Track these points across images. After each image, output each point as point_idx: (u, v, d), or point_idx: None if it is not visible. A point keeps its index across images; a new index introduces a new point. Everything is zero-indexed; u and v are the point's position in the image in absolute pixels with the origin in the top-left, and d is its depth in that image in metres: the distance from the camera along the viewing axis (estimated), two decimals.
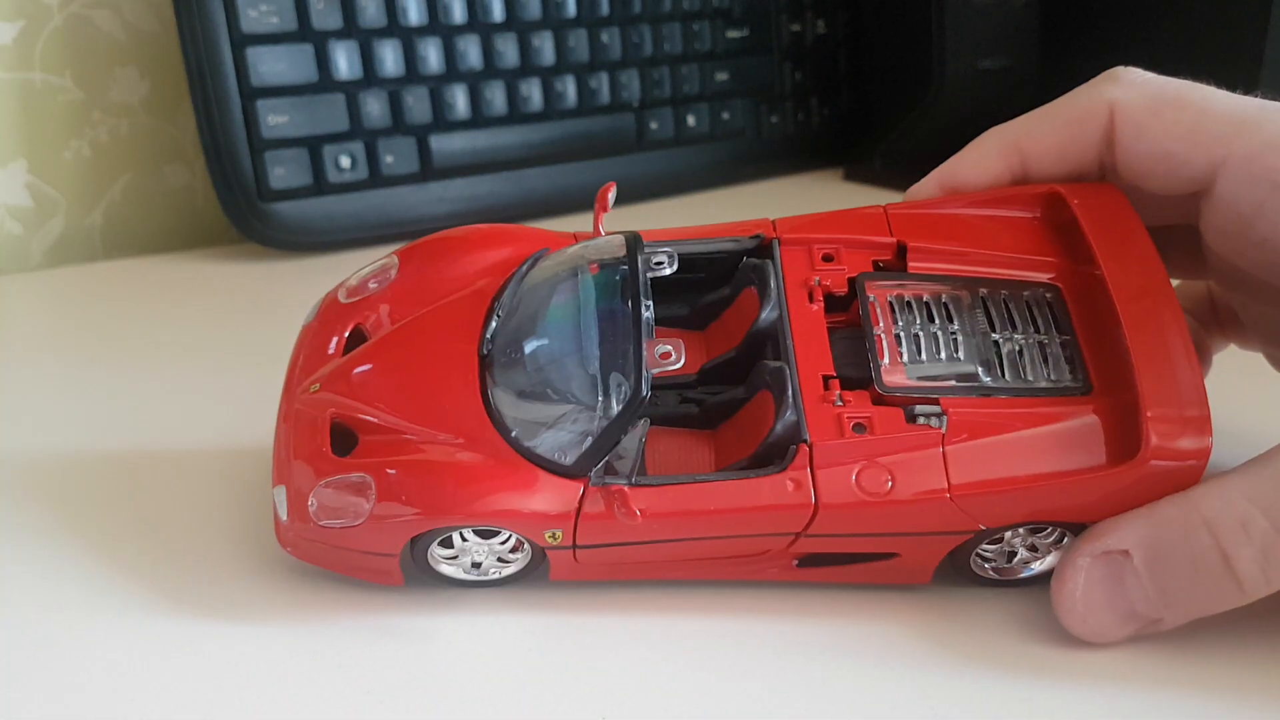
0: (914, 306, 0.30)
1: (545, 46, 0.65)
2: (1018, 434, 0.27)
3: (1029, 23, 0.73)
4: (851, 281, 0.30)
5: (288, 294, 0.56)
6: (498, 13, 0.64)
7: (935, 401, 0.28)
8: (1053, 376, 0.28)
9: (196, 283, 0.57)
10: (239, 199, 0.58)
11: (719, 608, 0.29)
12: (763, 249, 0.32)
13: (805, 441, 0.27)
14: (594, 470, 0.27)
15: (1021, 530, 0.28)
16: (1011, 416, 0.27)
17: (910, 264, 0.31)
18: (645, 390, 0.27)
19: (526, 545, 0.29)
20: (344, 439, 0.29)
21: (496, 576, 0.29)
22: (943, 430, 0.27)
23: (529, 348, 0.29)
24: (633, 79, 0.69)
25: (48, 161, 0.62)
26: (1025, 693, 0.26)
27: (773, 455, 0.28)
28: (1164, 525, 0.26)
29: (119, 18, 0.63)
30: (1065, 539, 0.28)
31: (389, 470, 0.28)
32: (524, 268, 0.31)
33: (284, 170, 0.58)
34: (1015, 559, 0.29)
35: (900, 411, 0.28)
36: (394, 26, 0.61)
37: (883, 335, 0.29)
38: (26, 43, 0.60)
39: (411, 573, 0.29)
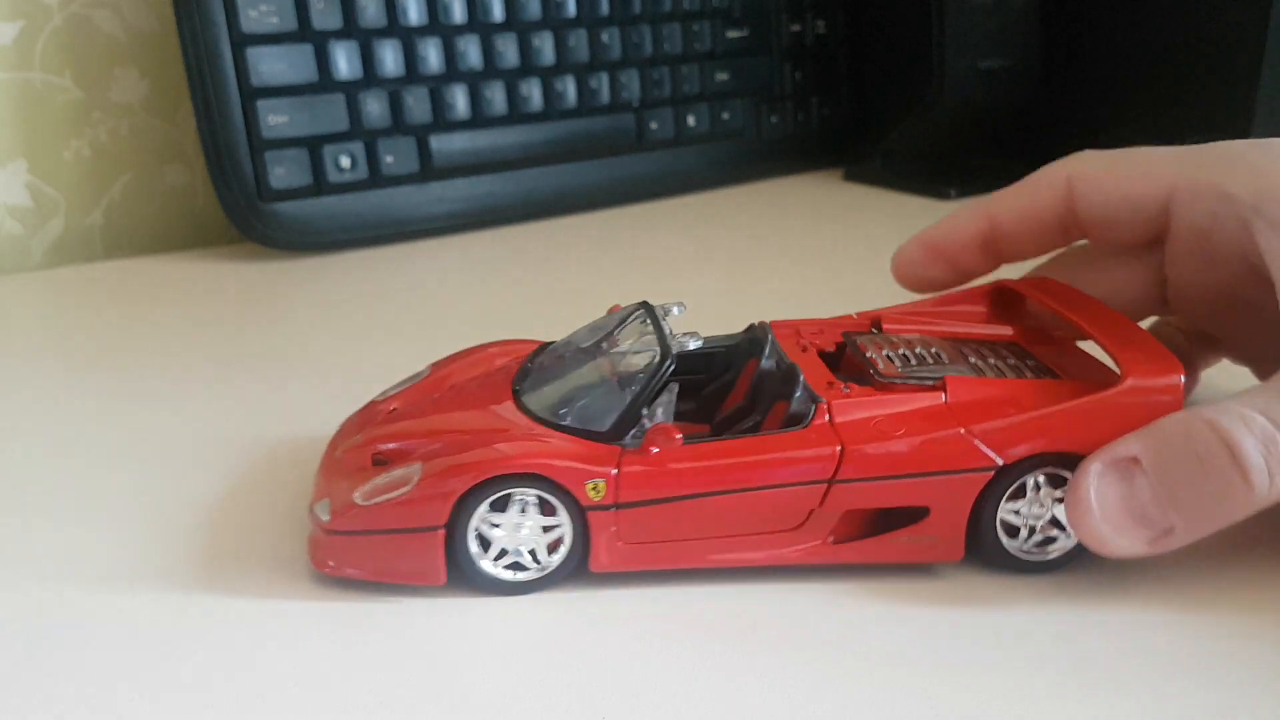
0: (900, 346, 0.34)
1: (545, 46, 0.66)
2: (1014, 386, 0.31)
3: (1029, 23, 0.73)
4: (842, 337, 0.35)
5: (288, 294, 0.56)
6: (498, 13, 0.64)
7: (935, 378, 0.31)
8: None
9: (196, 283, 0.57)
10: (239, 199, 0.58)
11: (719, 608, 0.29)
12: (754, 339, 0.35)
13: (821, 402, 0.30)
14: (630, 434, 0.29)
15: (1042, 486, 0.30)
16: (1005, 383, 0.31)
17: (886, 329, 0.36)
18: (671, 353, 0.30)
19: (567, 528, 0.29)
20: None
21: (537, 575, 0.29)
22: (944, 391, 0.30)
23: (559, 367, 0.33)
24: (633, 79, 0.69)
25: (48, 161, 0.62)
26: (1025, 690, 0.26)
27: (793, 424, 0.30)
28: (1169, 429, 0.28)
29: (119, 18, 0.63)
30: None
31: (434, 445, 0.30)
32: (546, 345, 0.35)
33: (284, 170, 0.58)
34: (1037, 535, 0.30)
35: (903, 388, 0.31)
36: (394, 26, 0.61)
37: (876, 358, 0.32)
38: (26, 43, 0.60)
39: (452, 574, 0.29)
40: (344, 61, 0.59)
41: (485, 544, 0.29)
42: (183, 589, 0.30)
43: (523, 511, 0.29)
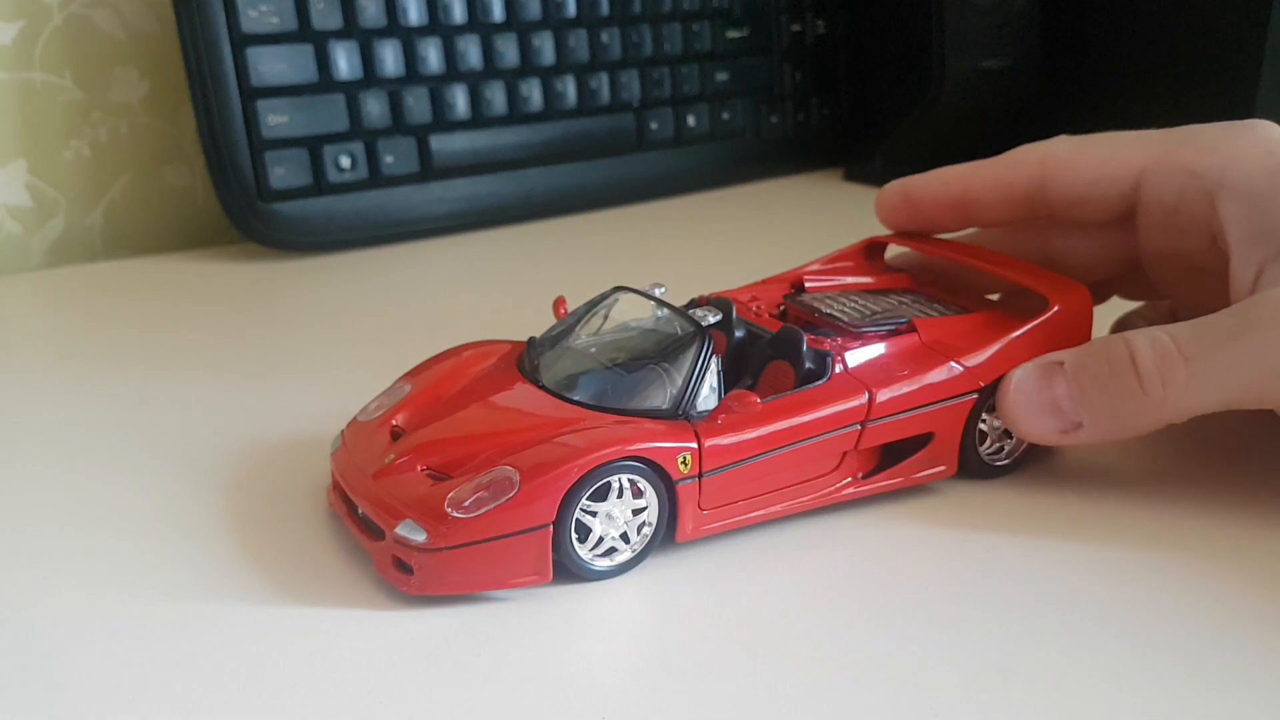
0: (841, 301, 0.37)
1: (545, 46, 0.65)
2: (967, 321, 0.35)
3: (1029, 23, 0.73)
4: (783, 300, 0.38)
5: (288, 294, 0.56)
6: (498, 13, 0.64)
7: (900, 321, 0.35)
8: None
9: (196, 283, 0.57)
10: (239, 199, 0.58)
11: (719, 607, 0.29)
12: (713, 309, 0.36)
13: (833, 355, 0.33)
14: (692, 407, 0.31)
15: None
16: (960, 319, 0.36)
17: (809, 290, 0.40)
18: (705, 329, 0.32)
19: (654, 505, 0.30)
20: None
21: (632, 555, 0.30)
22: (918, 332, 0.35)
23: (574, 356, 0.34)
24: (633, 79, 0.69)
25: (48, 161, 0.62)
26: (1024, 691, 0.26)
27: (811, 379, 0.33)
28: (1092, 344, 0.33)
29: (119, 18, 0.63)
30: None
31: (497, 447, 0.30)
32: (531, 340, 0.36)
33: (284, 170, 0.58)
34: (1005, 444, 0.36)
35: (878, 335, 0.34)
36: (394, 26, 0.61)
37: (834, 313, 0.36)
38: (26, 43, 0.60)
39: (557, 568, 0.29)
40: (344, 61, 0.59)
41: (583, 533, 0.29)
42: (177, 589, 0.30)
43: (619, 496, 0.30)
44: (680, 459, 0.30)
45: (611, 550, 0.30)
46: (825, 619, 0.29)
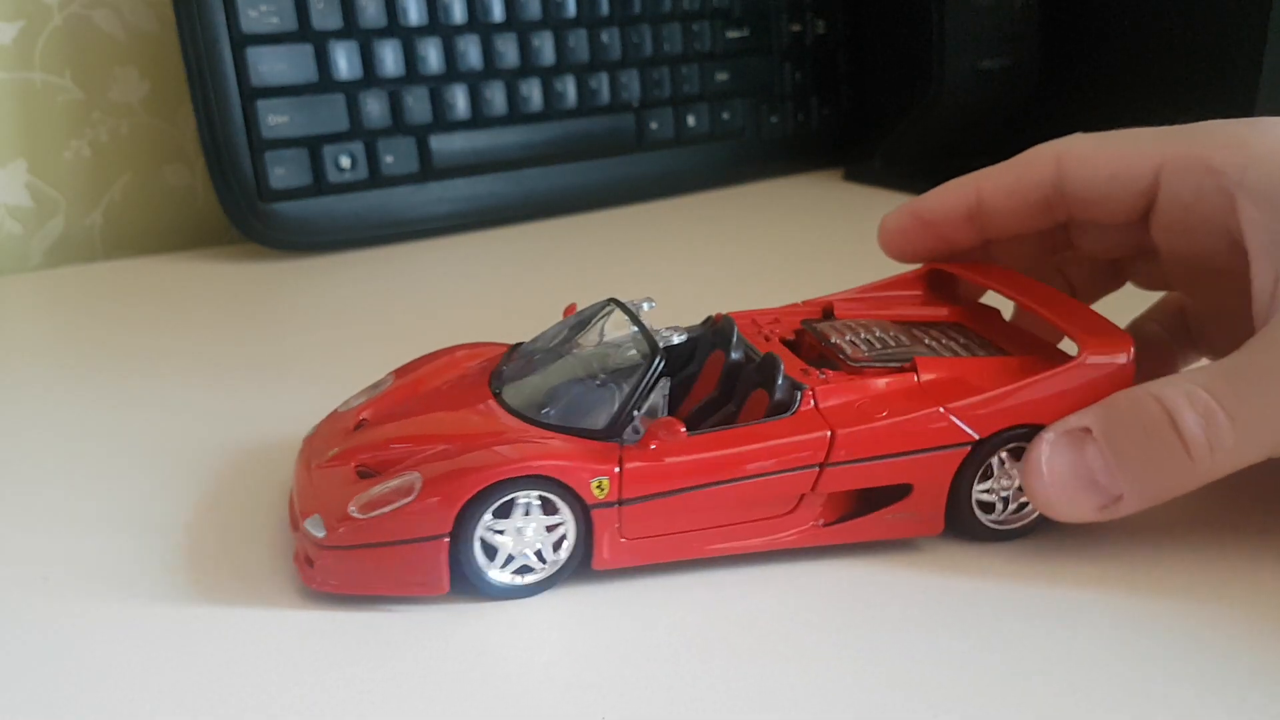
0: (859, 331, 0.35)
1: (545, 46, 0.66)
2: (978, 364, 0.32)
3: (1029, 23, 0.73)
4: (801, 325, 0.36)
5: (288, 294, 0.56)
6: (498, 13, 0.64)
7: (904, 359, 0.32)
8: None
9: (196, 283, 0.57)
10: (239, 199, 0.58)
11: (719, 608, 0.29)
12: (715, 330, 0.35)
13: (805, 389, 0.30)
14: (625, 430, 0.29)
15: (1006, 460, 0.31)
16: (970, 361, 0.32)
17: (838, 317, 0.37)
18: (659, 349, 0.30)
19: (570, 525, 0.29)
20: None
21: (543, 576, 0.29)
22: (916, 372, 0.31)
23: (538, 367, 0.33)
24: (633, 79, 0.69)
25: (48, 161, 0.62)
26: (1024, 689, 0.26)
27: (780, 411, 0.31)
28: (1119, 402, 0.30)
29: (119, 18, 0.63)
30: None
31: (425, 453, 0.30)
32: (516, 346, 0.35)
33: (284, 170, 0.58)
34: (1012, 505, 0.32)
35: (875, 371, 0.32)
36: (394, 26, 0.61)
37: (841, 344, 0.33)
38: (26, 43, 0.60)
39: (455, 582, 0.29)
40: (344, 61, 0.59)
41: (489, 550, 0.29)
42: (176, 589, 0.30)
43: (526, 514, 0.29)
44: (596, 483, 0.29)
45: (525, 569, 0.29)
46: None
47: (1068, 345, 0.34)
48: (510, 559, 0.29)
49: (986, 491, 0.31)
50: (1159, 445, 0.29)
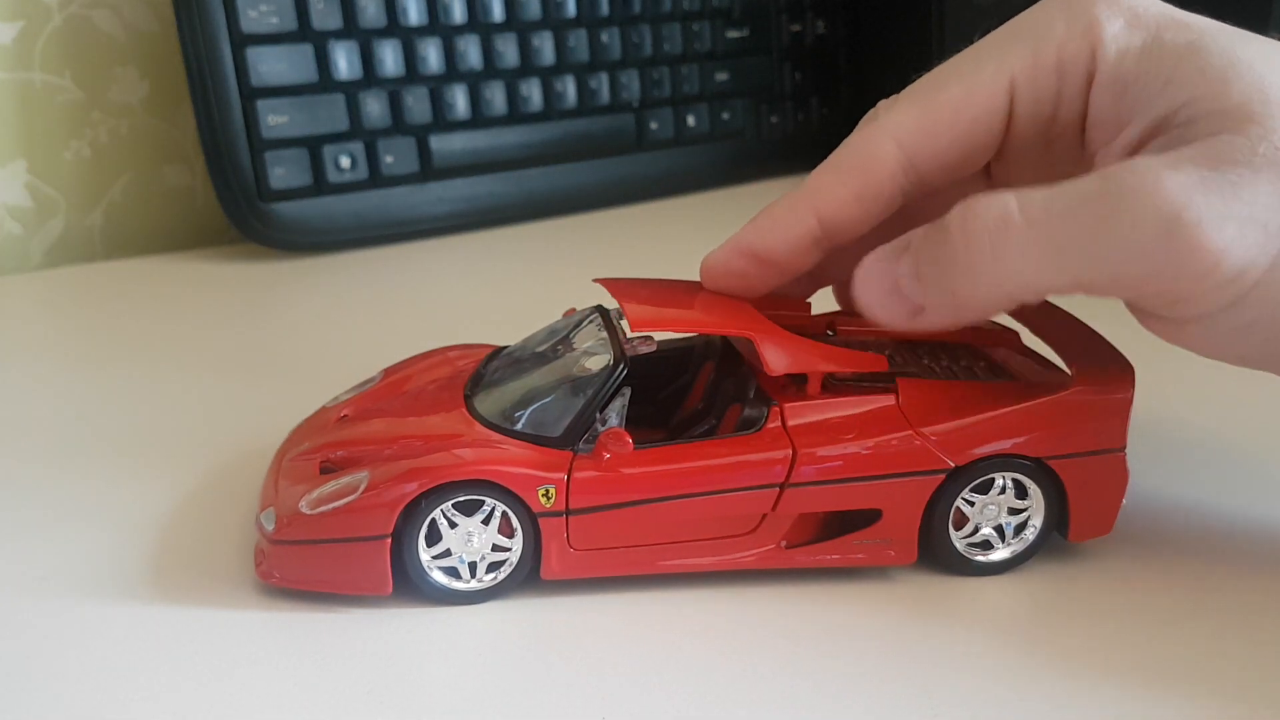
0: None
1: (545, 46, 0.66)
2: (965, 389, 0.30)
3: None
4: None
5: (287, 294, 0.56)
6: (498, 13, 0.64)
7: (887, 378, 0.30)
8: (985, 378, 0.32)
9: (196, 283, 0.57)
10: (239, 199, 0.58)
11: (718, 608, 0.29)
12: (709, 342, 0.34)
13: (774, 405, 0.29)
14: (582, 439, 0.29)
15: (990, 501, 0.30)
16: (956, 385, 0.31)
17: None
18: (624, 358, 0.30)
19: (518, 532, 0.28)
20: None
21: (488, 585, 0.29)
22: (896, 392, 0.30)
23: (512, 373, 0.32)
24: (633, 79, 0.69)
25: (48, 161, 0.62)
26: (1023, 688, 0.26)
27: (747, 427, 0.30)
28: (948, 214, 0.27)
29: (119, 18, 0.63)
30: (1029, 526, 0.30)
31: (383, 452, 0.30)
32: (500, 350, 0.35)
33: (284, 170, 0.58)
34: (987, 539, 0.30)
35: (854, 390, 0.30)
36: (394, 26, 0.61)
37: None
38: (26, 43, 0.60)
39: (399, 583, 0.29)
40: (344, 61, 0.59)
41: (435, 540, 0.28)
42: (175, 590, 0.30)
43: (485, 523, 0.28)
44: (542, 490, 0.28)
45: (472, 567, 0.29)
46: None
47: None
48: (448, 553, 0.29)
49: (966, 515, 0.30)
50: (947, 248, 0.27)
